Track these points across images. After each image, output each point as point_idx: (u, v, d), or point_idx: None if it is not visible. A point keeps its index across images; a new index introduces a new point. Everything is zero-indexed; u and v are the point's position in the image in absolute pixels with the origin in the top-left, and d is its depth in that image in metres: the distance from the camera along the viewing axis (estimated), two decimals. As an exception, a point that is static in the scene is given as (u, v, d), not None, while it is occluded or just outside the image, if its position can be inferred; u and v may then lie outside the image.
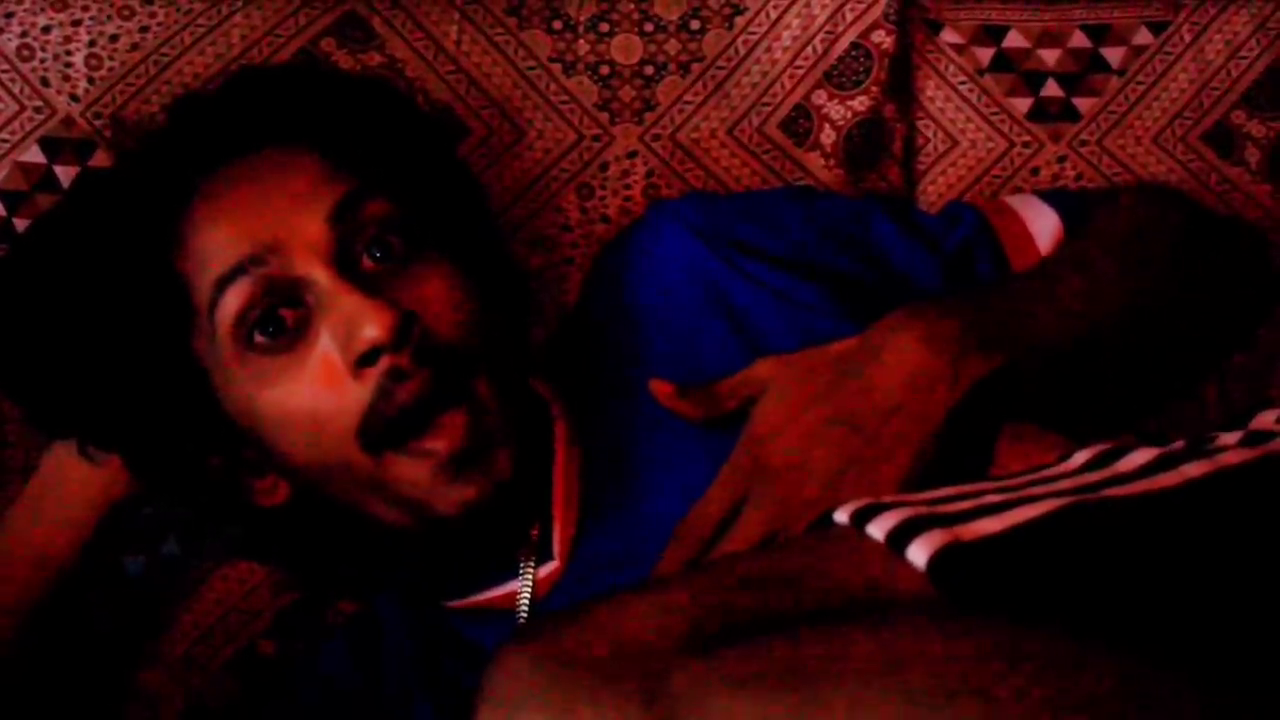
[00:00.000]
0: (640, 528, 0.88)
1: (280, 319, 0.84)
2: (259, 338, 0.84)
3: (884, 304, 0.88)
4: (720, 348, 0.93)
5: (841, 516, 0.66)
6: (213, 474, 0.90)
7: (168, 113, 0.95)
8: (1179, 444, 0.70)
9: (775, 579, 0.63)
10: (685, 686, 0.55)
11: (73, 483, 0.93)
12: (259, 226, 0.84)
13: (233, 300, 0.84)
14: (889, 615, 0.59)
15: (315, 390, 0.83)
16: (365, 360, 0.82)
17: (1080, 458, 0.71)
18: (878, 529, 0.63)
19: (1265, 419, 0.75)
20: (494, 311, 0.88)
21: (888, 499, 0.66)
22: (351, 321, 0.82)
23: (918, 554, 0.61)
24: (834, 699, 0.53)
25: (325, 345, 0.83)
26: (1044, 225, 1.02)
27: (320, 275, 0.83)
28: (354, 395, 0.83)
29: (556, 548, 0.90)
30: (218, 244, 0.85)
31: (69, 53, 1.12)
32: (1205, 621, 0.58)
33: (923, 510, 0.64)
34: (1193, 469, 0.66)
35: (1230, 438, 0.72)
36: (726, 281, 0.95)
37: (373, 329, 0.81)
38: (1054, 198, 1.05)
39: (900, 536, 0.62)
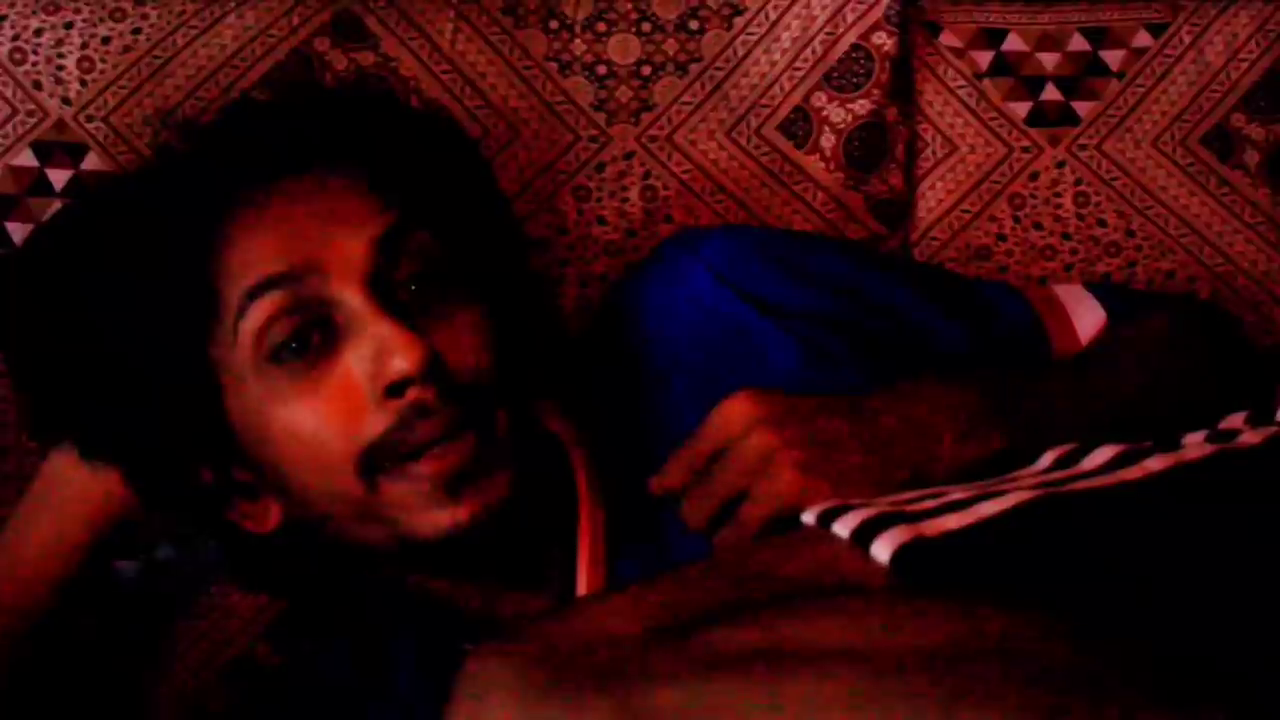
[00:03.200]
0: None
1: (307, 337, 0.83)
2: (283, 355, 0.83)
3: (913, 369, 0.87)
4: (724, 373, 0.92)
5: (809, 517, 0.67)
6: (205, 489, 0.89)
7: (219, 116, 0.95)
8: (1146, 443, 0.71)
9: (743, 576, 0.64)
10: (648, 669, 0.55)
11: (68, 503, 0.93)
12: (300, 243, 0.84)
13: (261, 311, 0.83)
14: (853, 599, 0.60)
15: (329, 411, 0.83)
16: (394, 390, 0.81)
17: (1048, 458, 0.72)
18: (843, 527, 0.64)
19: (1234, 420, 0.77)
20: (519, 354, 0.88)
21: (855, 500, 0.67)
22: (382, 349, 0.81)
23: (881, 549, 0.62)
24: (796, 674, 0.54)
25: (349, 368, 0.83)
26: (1089, 320, 1.01)
27: (354, 297, 0.83)
28: (370, 422, 0.82)
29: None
30: (256, 254, 0.84)
31: (61, 56, 1.11)
32: (1162, 609, 0.59)
33: (888, 509, 0.65)
34: (1153, 463, 0.68)
35: (1196, 436, 0.73)
36: (750, 325, 0.94)
37: (403, 361, 0.80)
38: (1102, 294, 1.05)
39: (865, 533, 0.63)
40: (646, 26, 1.19)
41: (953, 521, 0.64)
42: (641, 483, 0.91)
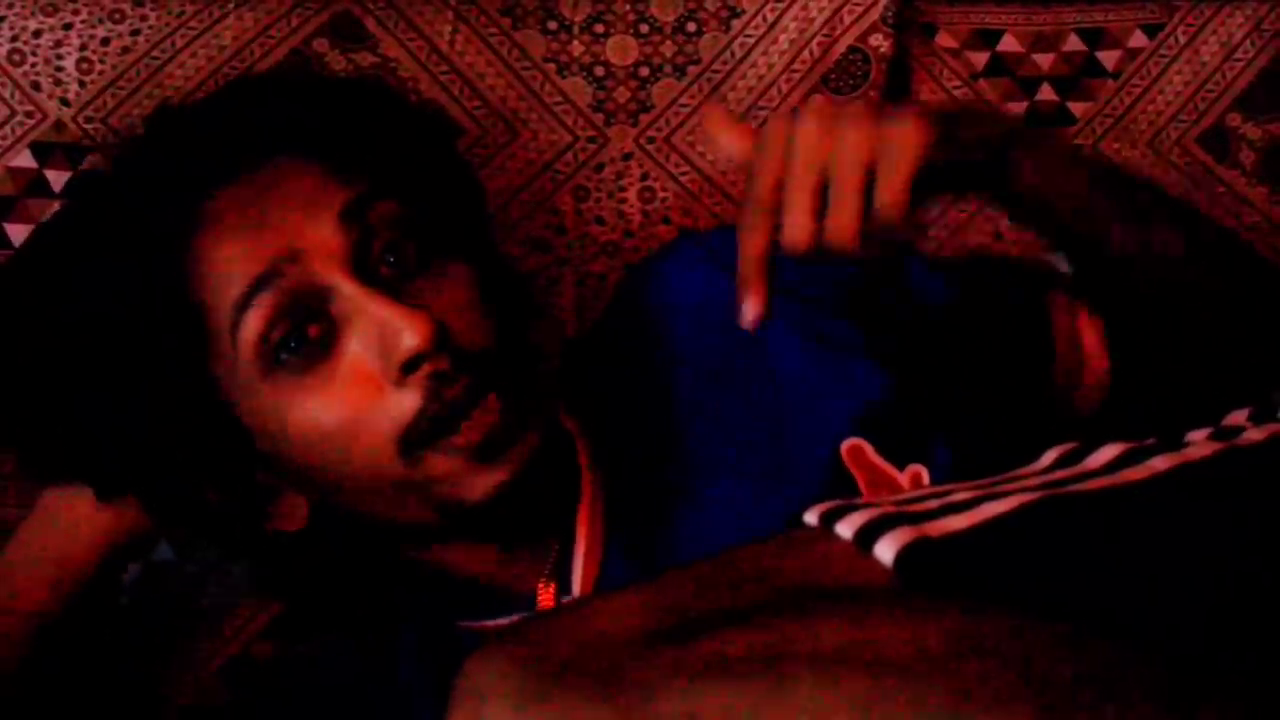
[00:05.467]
0: (668, 560, 0.87)
1: (305, 334, 0.82)
2: (285, 355, 0.82)
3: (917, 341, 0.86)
4: (745, 382, 0.92)
5: (810, 518, 0.66)
6: (230, 504, 0.89)
7: (158, 132, 0.92)
8: (1150, 440, 0.71)
9: (745, 577, 0.64)
10: (651, 673, 0.55)
11: (76, 525, 0.91)
12: (270, 239, 0.83)
13: (254, 320, 0.82)
14: (857, 602, 0.60)
15: (351, 401, 0.82)
16: (409, 367, 0.81)
17: (1050, 456, 0.72)
18: (846, 528, 0.64)
19: (1237, 416, 0.76)
20: (507, 310, 0.88)
21: (857, 501, 0.67)
22: (386, 330, 0.81)
23: (885, 551, 0.62)
24: (802, 679, 0.53)
25: (355, 355, 0.82)
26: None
27: (343, 283, 0.82)
28: (399, 402, 0.81)
29: (578, 579, 0.90)
30: (230, 264, 0.83)
31: (60, 57, 1.11)
32: (1166, 610, 0.59)
33: (890, 510, 0.65)
34: (1159, 463, 0.67)
35: (1200, 434, 0.73)
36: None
37: (411, 337, 0.80)
38: None
39: (868, 534, 0.63)
40: (644, 28, 1.19)
41: (956, 523, 0.63)
42: (640, 474, 0.91)
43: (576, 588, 0.90)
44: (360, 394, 0.82)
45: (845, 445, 0.92)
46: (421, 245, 0.85)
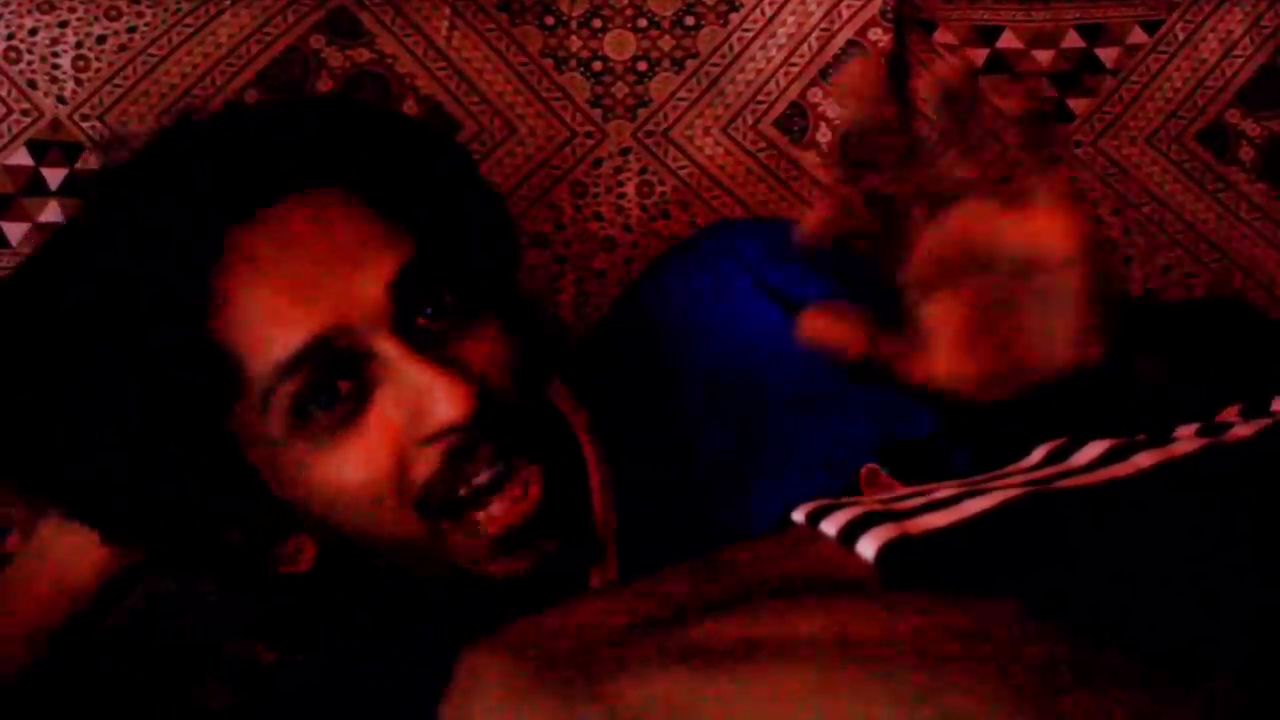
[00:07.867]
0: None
1: (336, 389, 0.78)
2: (313, 409, 0.78)
3: None
4: (760, 380, 0.91)
5: (798, 516, 0.67)
6: (235, 547, 0.86)
7: (183, 143, 0.85)
8: (1140, 436, 0.71)
9: (734, 573, 0.64)
10: (632, 662, 0.56)
11: (71, 551, 0.89)
12: (322, 303, 0.77)
13: (294, 384, 0.78)
14: (841, 593, 0.60)
15: (375, 461, 0.79)
16: (437, 437, 0.78)
17: (1038, 454, 0.72)
18: (830, 525, 0.64)
19: (1229, 412, 0.76)
20: (535, 363, 0.85)
21: (844, 500, 0.67)
22: (423, 396, 0.77)
23: (866, 547, 0.62)
24: (784, 666, 0.54)
25: (386, 415, 0.79)
26: None
27: (386, 345, 0.78)
28: (418, 466, 0.79)
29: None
30: (274, 323, 0.78)
31: (56, 55, 1.11)
32: (1149, 607, 0.59)
33: (875, 508, 0.65)
34: (1144, 459, 0.67)
35: (1188, 430, 0.73)
36: (779, 327, 0.91)
37: (449, 409, 0.76)
38: None
39: (851, 532, 0.63)
40: (642, 22, 1.19)
41: (938, 519, 0.64)
42: (659, 471, 0.90)
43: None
44: (385, 454, 0.79)
45: (862, 470, 0.91)
46: (458, 295, 0.81)
